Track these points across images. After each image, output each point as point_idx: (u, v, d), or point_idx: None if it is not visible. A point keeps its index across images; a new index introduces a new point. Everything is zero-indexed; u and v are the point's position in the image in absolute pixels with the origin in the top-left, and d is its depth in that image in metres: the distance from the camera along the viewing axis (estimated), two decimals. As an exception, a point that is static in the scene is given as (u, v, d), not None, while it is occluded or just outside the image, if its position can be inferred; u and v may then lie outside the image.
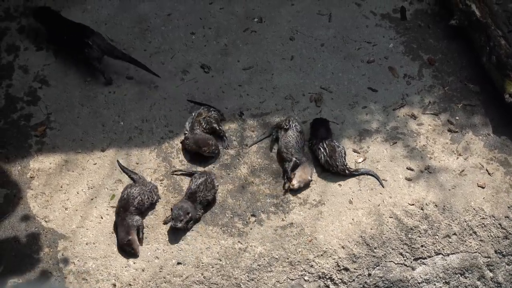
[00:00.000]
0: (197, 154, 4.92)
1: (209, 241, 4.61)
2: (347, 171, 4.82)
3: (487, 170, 4.91)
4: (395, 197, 4.79)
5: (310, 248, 4.61)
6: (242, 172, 4.92)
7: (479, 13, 5.31)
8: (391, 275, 4.69)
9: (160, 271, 4.50)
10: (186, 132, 4.95)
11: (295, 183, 4.73)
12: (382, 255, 4.67)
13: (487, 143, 5.05)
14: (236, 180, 4.87)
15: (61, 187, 4.81)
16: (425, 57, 5.47)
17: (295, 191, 4.78)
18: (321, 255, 4.60)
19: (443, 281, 4.76)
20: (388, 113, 5.18)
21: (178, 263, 4.53)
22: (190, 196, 4.63)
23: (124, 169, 4.87)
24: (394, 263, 4.70)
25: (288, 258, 4.58)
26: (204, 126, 4.95)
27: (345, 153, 4.85)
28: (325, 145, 4.83)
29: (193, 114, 5.01)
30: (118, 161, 4.90)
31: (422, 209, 4.75)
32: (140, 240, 4.56)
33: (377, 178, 4.83)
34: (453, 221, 4.74)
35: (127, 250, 4.53)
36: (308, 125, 5.05)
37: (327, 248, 4.61)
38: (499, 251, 4.77)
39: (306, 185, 4.79)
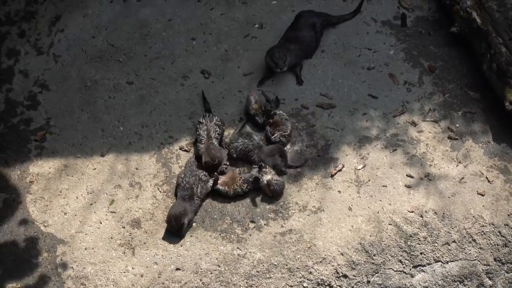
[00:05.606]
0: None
1: (208, 247, 4.61)
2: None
3: (487, 178, 4.90)
4: (394, 204, 4.78)
5: (309, 255, 4.60)
6: (242, 178, 4.92)
7: (480, 21, 5.31)
8: (390, 282, 4.68)
9: (158, 277, 4.50)
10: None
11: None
12: (381, 262, 4.66)
13: (487, 150, 5.04)
14: (236, 186, 4.87)
15: (60, 191, 4.81)
16: (426, 64, 5.47)
17: None
18: (320, 261, 4.59)
19: (442, 288, 4.75)
20: (388, 120, 5.18)
21: (177, 269, 4.53)
22: None
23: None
24: (393, 270, 4.69)
25: (287, 265, 4.57)
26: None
27: None
28: None
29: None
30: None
31: (421, 216, 4.74)
32: None
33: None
34: (452, 228, 4.73)
35: None
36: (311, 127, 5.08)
37: (326, 255, 4.61)
38: (498, 258, 4.76)
39: None
